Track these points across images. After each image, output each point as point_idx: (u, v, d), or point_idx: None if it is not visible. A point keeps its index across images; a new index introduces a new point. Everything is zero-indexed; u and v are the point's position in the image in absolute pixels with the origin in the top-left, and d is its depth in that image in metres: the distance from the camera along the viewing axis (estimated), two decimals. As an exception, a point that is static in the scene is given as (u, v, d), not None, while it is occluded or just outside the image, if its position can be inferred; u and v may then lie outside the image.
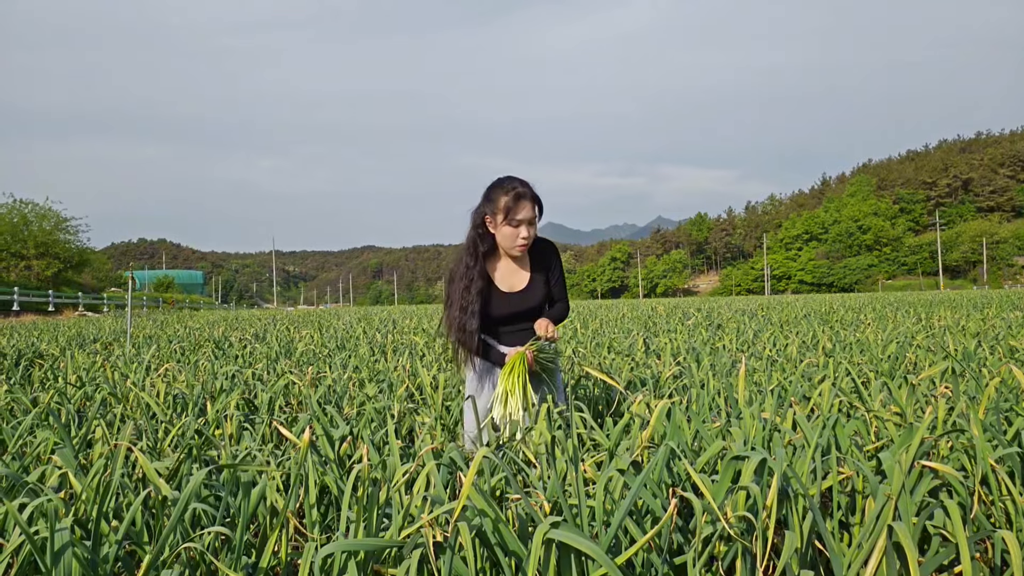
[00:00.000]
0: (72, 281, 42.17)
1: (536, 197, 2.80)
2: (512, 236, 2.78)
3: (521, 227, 2.77)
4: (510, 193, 2.75)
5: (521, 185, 2.79)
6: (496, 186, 2.81)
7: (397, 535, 1.56)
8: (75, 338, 9.21)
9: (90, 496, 1.73)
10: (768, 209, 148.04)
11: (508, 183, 2.80)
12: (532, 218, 2.77)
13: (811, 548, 1.62)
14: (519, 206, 2.74)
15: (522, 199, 2.75)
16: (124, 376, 4.31)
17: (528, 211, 2.75)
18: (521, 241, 2.78)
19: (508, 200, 2.75)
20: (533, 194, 2.79)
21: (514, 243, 2.79)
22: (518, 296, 2.89)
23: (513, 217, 2.75)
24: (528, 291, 2.90)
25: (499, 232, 2.81)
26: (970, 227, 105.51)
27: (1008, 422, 2.40)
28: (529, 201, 2.76)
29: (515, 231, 2.77)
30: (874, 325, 8.34)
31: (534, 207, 2.78)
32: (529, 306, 2.89)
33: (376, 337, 8.39)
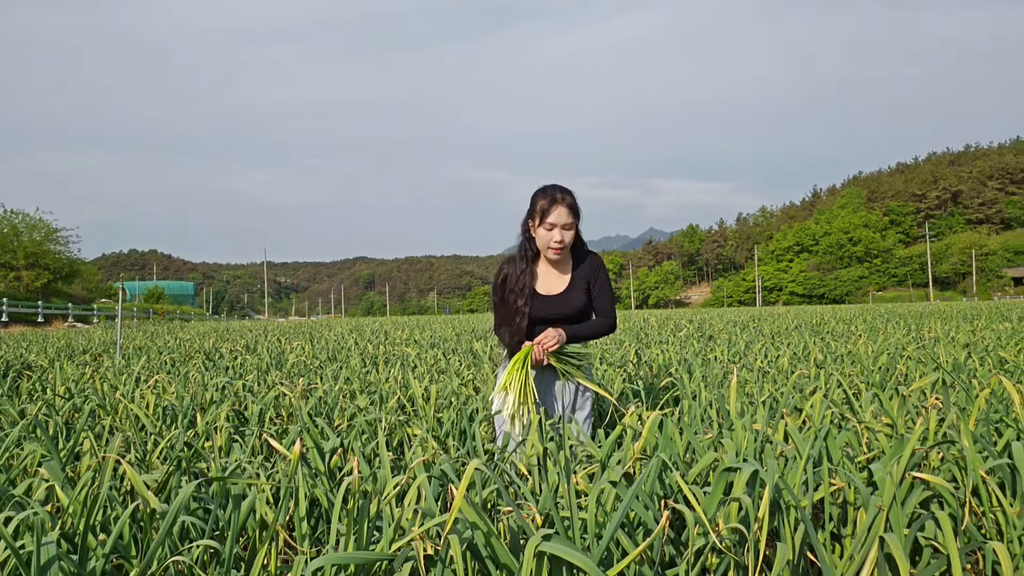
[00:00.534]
0: (62, 292, 41.94)
1: (573, 204, 2.89)
2: (546, 238, 2.89)
3: (555, 231, 2.87)
4: (547, 197, 2.88)
5: (560, 191, 2.90)
6: (538, 191, 2.95)
7: (388, 548, 1.55)
8: (64, 349, 9.14)
9: (77, 509, 1.71)
10: (759, 221, 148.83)
11: (549, 188, 2.92)
12: (567, 223, 2.87)
13: (803, 559, 1.62)
14: (552, 209, 2.85)
15: (556, 203, 2.86)
16: (113, 388, 4.28)
17: (563, 216, 2.85)
18: (555, 244, 2.88)
19: (544, 203, 2.87)
20: (570, 200, 2.89)
21: (548, 245, 2.89)
22: (555, 299, 2.97)
23: (546, 220, 2.86)
24: (564, 296, 2.97)
25: (537, 235, 2.92)
26: (959, 239, 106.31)
27: (998, 433, 2.41)
28: (564, 206, 2.86)
29: (549, 234, 2.87)
30: (865, 336, 8.36)
31: (570, 212, 2.87)
32: (564, 312, 2.97)
33: (368, 348, 8.37)
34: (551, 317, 2.96)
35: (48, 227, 39.99)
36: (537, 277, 3.01)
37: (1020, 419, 2.28)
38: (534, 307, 2.96)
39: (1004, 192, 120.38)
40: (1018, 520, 1.74)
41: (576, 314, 2.96)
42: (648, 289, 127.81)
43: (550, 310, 2.96)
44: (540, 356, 2.83)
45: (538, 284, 3.00)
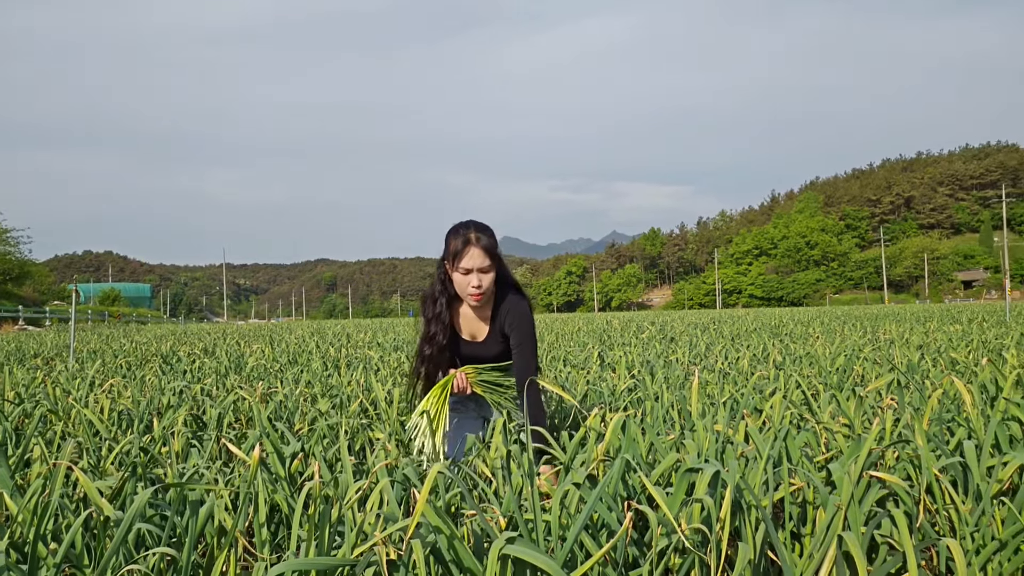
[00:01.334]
0: (12, 294, 40.78)
1: (489, 244, 2.64)
2: (463, 284, 2.66)
3: (471, 275, 2.63)
4: (459, 238, 2.63)
5: (475, 230, 2.64)
6: (450, 232, 2.69)
7: (350, 553, 1.53)
8: (14, 353, 8.88)
9: (27, 518, 1.66)
10: (719, 225, 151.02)
11: (461, 229, 2.66)
12: (484, 266, 2.63)
13: (764, 558, 1.64)
14: (466, 252, 2.61)
15: (469, 245, 2.61)
16: (66, 392, 4.17)
17: (478, 258, 2.61)
18: (472, 290, 2.65)
19: (457, 245, 2.63)
20: (486, 241, 2.63)
21: (467, 291, 2.67)
22: (477, 345, 2.86)
23: (459, 265, 2.63)
24: (485, 344, 2.84)
25: (454, 280, 2.70)
26: (912, 243, 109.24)
27: (951, 432, 2.47)
28: (478, 248, 2.61)
29: (465, 279, 2.64)
30: (822, 338, 8.53)
31: (485, 255, 2.62)
32: (484, 356, 2.85)
33: (329, 351, 8.28)
34: (474, 358, 2.86)
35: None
36: (459, 318, 2.85)
37: (971, 418, 2.34)
38: (457, 348, 2.86)
39: (954, 198, 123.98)
40: (970, 517, 1.79)
41: (495, 358, 2.85)
42: (611, 292, 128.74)
43: (472, 353, 2.86)
44: (464, 384, 2.72)
45: (461, 326, 2.85)
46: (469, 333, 2.86)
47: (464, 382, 2.74)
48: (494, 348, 2.84)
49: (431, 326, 2.79)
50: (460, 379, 2.74)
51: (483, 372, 2.78)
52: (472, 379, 2.76)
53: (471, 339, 2.86)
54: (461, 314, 2.85)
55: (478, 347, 2.85)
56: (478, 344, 2.85)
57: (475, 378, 2.77)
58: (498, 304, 2.79)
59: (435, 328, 2.78)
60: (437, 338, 2.77)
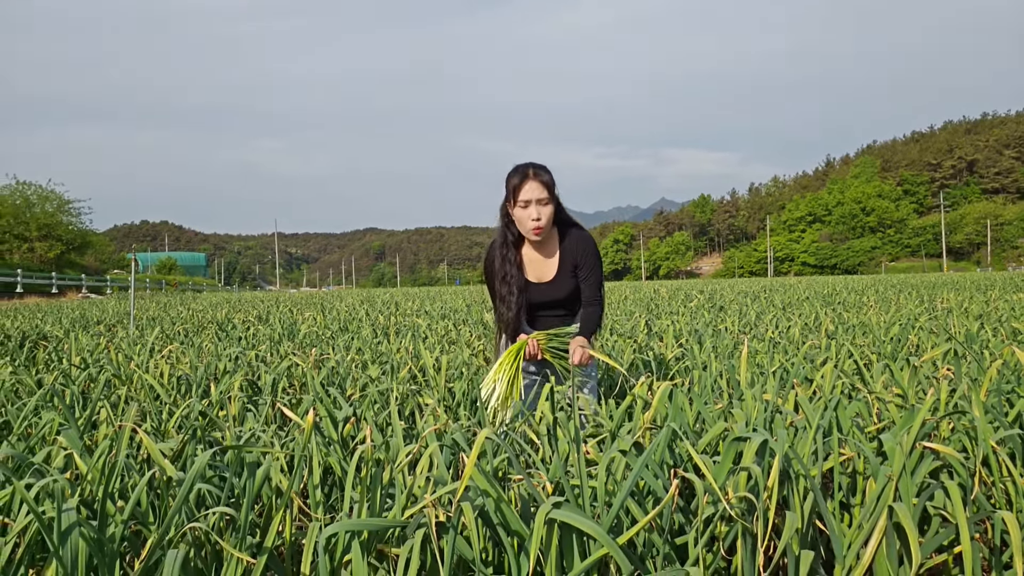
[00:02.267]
0: (75, 263, 42.23)
1: (546, 178, 2.74)
2: (524, 219, 2.75)
3: (530, 207, 2.73)
4: (518, 175, 2.74)
5: (532, 167, 2.76)
6: (510, 172, 2.80)
7: (400, 515, 1.57)
8: (79, 320, 9.23)
9: (95, 477, 1.74)
10: (772, 191, 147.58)
11: (520, 166, 2.77)
12: (542, 198, 2.73)
13: (812, 528, 1.63)
14: (524, 186, 2.72)
15: (527, 179, 2.72)
16: (128, 358, 4.33)
17: (535, 191, 2.71)
18: (532, 223, 2.74)
19: (516, 181, 2.73)
20: (543, 175, 2.74)
21: (527, 226, 2.76)
22: (546, 287, 2.89)
23: (519, 198, 2.72)
24: (555, 283, 2.88)
25: (515, 217, 2.78)
26: (974, 209, 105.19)
27: (1010, 404, 2.40)
28: (536, 181, 2.72)
29: (525, 212, 2.74)
30: (877, 307, 8.33)
31: (543, 187, 2.72)
32: (556, 298, 2.89)
33: (379, 319, 8.40)
34: (545, 302, 2.90)
35: (60, 199, 40.19)
36: (525, 263, 2.89)
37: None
38: (527, 294, 2.88)
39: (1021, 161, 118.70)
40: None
41: (568, 298, 2.89)
42: (659, 260, 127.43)
43: (542, 297, 2.89)
44: (535, 350, 2.75)
45: (528, 271, 2.89)
46: (536, 276, 2.90)
47: (535, 348, 2.76)
48: (566, 286, 2.87)
49: (504, 266, 2.84)
50: (532, 345, 2.75)
51: (553, 339, 2.80)
52: (543, 344, 2.78)
53: (538, 281, 2.89)
54: (526, 257, 2.90)
55: (548, 288, 2.88)
56: (547, 285, 2.89)
57: (546, 344, 2.78)
58: (562, 241, 2.87)
59: (507, 268, 2.83)
60: (510, 277, 2.83)
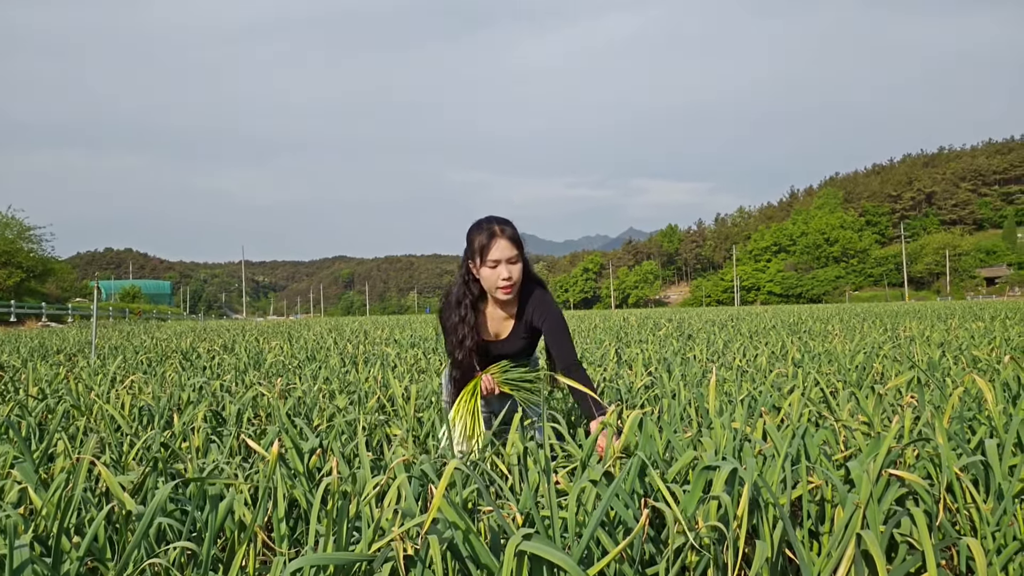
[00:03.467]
0: (35, 291, 41.33)
1: (515, 235, 2.66)
2: (492, 278, 2.66)
3: (500, 267, 2.64)
4: (484, 232, 2.65)
5: (498, 223, 2.67)
6: (473, 228, 2.71)
7: (367, 549, 1.54)
8: (37, 349, 9.01)
9: (51, 511, 1.69)
10: (737, 221, 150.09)
11: (484, 223, 2.69)
12: (512, 256, 2.65)
13: (782, 557, 1.63)
14: (492, 244, 2.63)
15: (495, 237, 2.63)
16: (88, 388, 4.23)
17: (505, 249, 2.63)
18: (502, 283, 2.65)
19: (483, 239, 2.64)
20: (511, 231, 2.66)
21: (496, 284, 2.67)
22: (501, 343, 2.85)
23: (488, 258, 2.63)
24: (508, 341, 2.84)
25: (481, 277, 2.70)
26: (934, 239, 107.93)
27: (972, 431, 2.44)
28: (504, 239, 2.63)
29: (494, 272, 2.65)
30: (842, 336, 8.46)
31: (512, 244, 2.65)
32: (505, 353, 2.84)
33: (347, 348, 8.32)
34: (498, 356, 2.86)
35: (20, 225, 39.41)
36: (485, 319, 2.83)
37: (993, 417, 2.31)
38: (481, 349, 2.84)
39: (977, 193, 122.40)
40: (991, 516, 1.77)
41: (518, 353, 2.86)
42: (628, 288, 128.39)
43: (496, 351, 2.86)
44: (491, 385, 2.72)
45: (487, 327, 2.84)
46: (493, 332, 2.85)
47: (492, 383, 2.73)
48: (517, 344, 2.84)
49: (460, 329, 2.75)
50: (487, 380, 2.73)
51: (508, 370, 2.77)
52: (498, 379, 2.75)
53: (495, 338, 2.85)
54: (486, 315, 2.84)
55: (503, 344, 2.85)
56: (502, 342, 2.85)
57: (500, 378, 2.75)
58: (524, 300, 2.79)
59: (463, 331, 2.74)
60: (466, 343, 2.74)
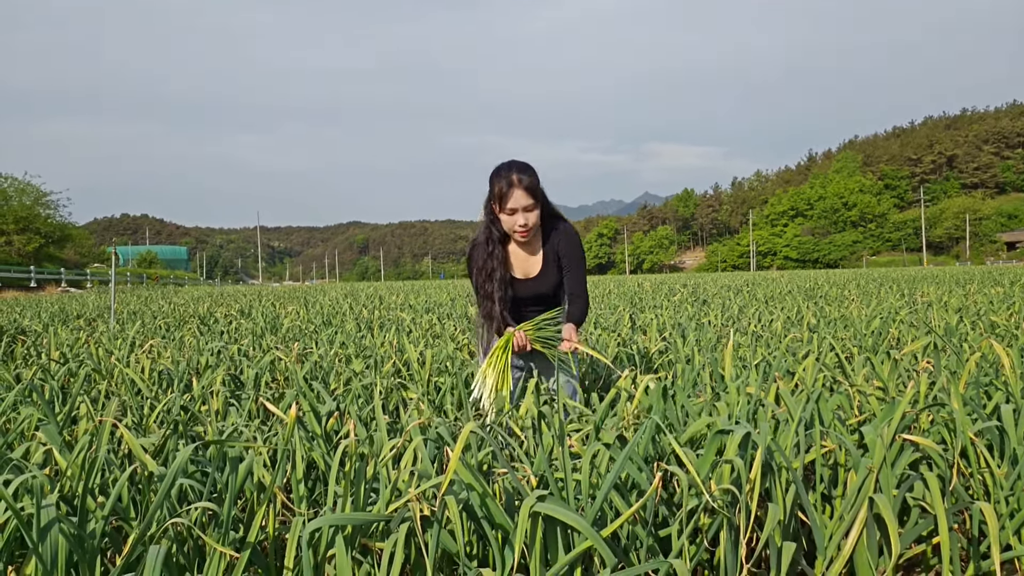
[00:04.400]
0: (54, 257, 41.73)
1: (532, 184, 2.74)
2: (510, 224, 2.77)
3: (516, 215, 2.74)
4: (503, 180, 2.73)
5: (516, 171, 2.74)
6: (493, 174, 2.79)
7: (384, 509, 1.56)
8: (58, 314, 9.12)
9: (75, 472, 1.72)
10: (754, 185, 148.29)
11: (504, 171, 2.76)
12: (528, 205, 2.73)
13: (794, 520, 1.64)
14: (510, 194, 2.71)
15: (513, 187, 2.71)
16: (108, 352, 4.29)
17: (521, 199, 2.72)
18: (519, 228, 2.76)
19: (502, 187, 2.73)
20: (528, 181, 2.73)
21: (513, 229, 2.78)
22: (531, 282, 2.90)
23: (506, 206, 2.73)
24: (540, 278, 2.90)
25: (501, 220, 2.80)
26: (954, 203, 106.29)
27: (987, 396, 2.44)
28: (521, 189, 2.71)
29: (511, 219, 2.75)
30: (858, 301, 8.40)
31: (528, 194, 2.72)
32: (541, 292, 2.90)
33: (362, 313, 8.37)
34: (529, 297, 2.91)
35: (37, 191, 39.64)
36: (511, 258, 2.91)
37: (1009, 382, 2.30)
38: (513, 290, 2.89)
39: (999, 156, 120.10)
40: (1005, 481, 1.77)
41: (552, 293, 2.91)
42: (643, 254, 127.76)
43: (527, 292, 2.90)
44: (523, 342, 2.76)
45: (513, 267, 2.90)
46: (522, 271, 2.92)
47: (524, 340, 2.77)
48: (551, 280, 2.90)
49: (488, 262, 2.85)
50: (519, 337, 2.76)
51: (540, 327, 2.80)
52: (531, 336, 2.78)
53: (525, 277, 2.91)
54: (511, 253, 2.92)
55: (534, 283, 2.90)
56: (533, 280, 2.90)
57: (533, 335, 2.78)
58: (547, 236, 2.90)
59: (492, 264, 2.84)
60: (496, 273, 2.84)
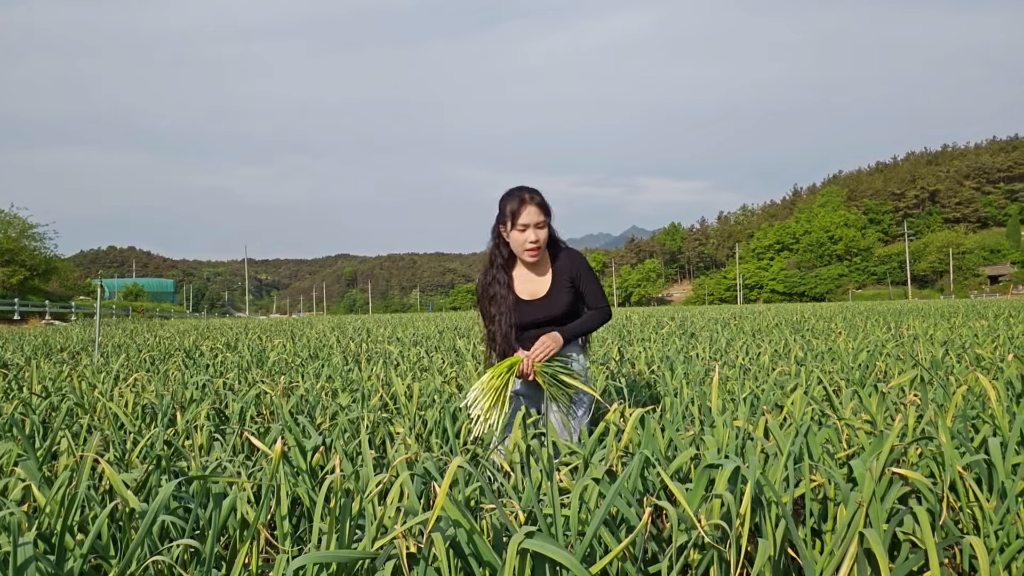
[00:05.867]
0: (39, 289, 41.39)
1: (543, 202, 2.88)
2: (520, 241, 2.86)
3: (528, 231, 2.84)
4: (515, 199, 2.85)
5: (527, 191, 2.89)
6: (504, 196, 2.92)
7: (370, 547, 1.54)
8: (41, 347, 9.03)
9: (54, 509, 1.69)
10: (740, 219, 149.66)
11: (515, 191, 2.90)
12: (540, 222, 2.85)
13: (784, 555, 1.63)
14: (523, 210, 2.83)
15: (525, 204, 2.84)
16: (92, 386, 4.23)
17: (533, 215, 2.83)
18: (530, 245, 2.85)
19: (513, 205, 2.84)
20: (539, 199, 2.87)
21: (524, 247, 2.86)
22: (539, 303, 2.94)
23: (518, 222, 2.83)
24: (549, 299, 2.93)
25: (511, 239, 2.89)
26: (937, 237, 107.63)
27: (975, 429, 2.44)
28: (533, 205, 2.84)
29: (523, 235, 2.85)
30: (845, 334, 8.45)
31: (540, 211, 2.85)
32: (552, 314, 2.93)
33: (350, 346, 8.33)
34: (539, 321, 2.91)
35: (23, 223, 39.46)
36: (515, 283, 2.97)
37: (996, 415, 2.31)
38: (520, 314, 2.91)
39: (980, 191, 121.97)
40: (994, 515, 1.77)
41: (564, 315, 2.92)
42: (630, 287, 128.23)
43: (536, 315, 2.91)
44: (529, 370, 2.76)
45: (519, 290, 2.95)
46: (530, 293, 2.95)
47: (529, 368, 2.76)
48: (562, 300, 2.92)
49: (492, 287, 2.94)
50: (526, 364, 2.76)
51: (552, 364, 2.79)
52: (538, 368, 2.76)
53: (531, 298, 2.94)
54: (517, 277, 2.98)
55: (542, 305, 2.92)
56: (540, 302, 2.93)
57: (540, 368, 2.76)
58: (555, 259, 2.98)
59: (496, 289, 2.93)
60: (499, 298, 2.91)
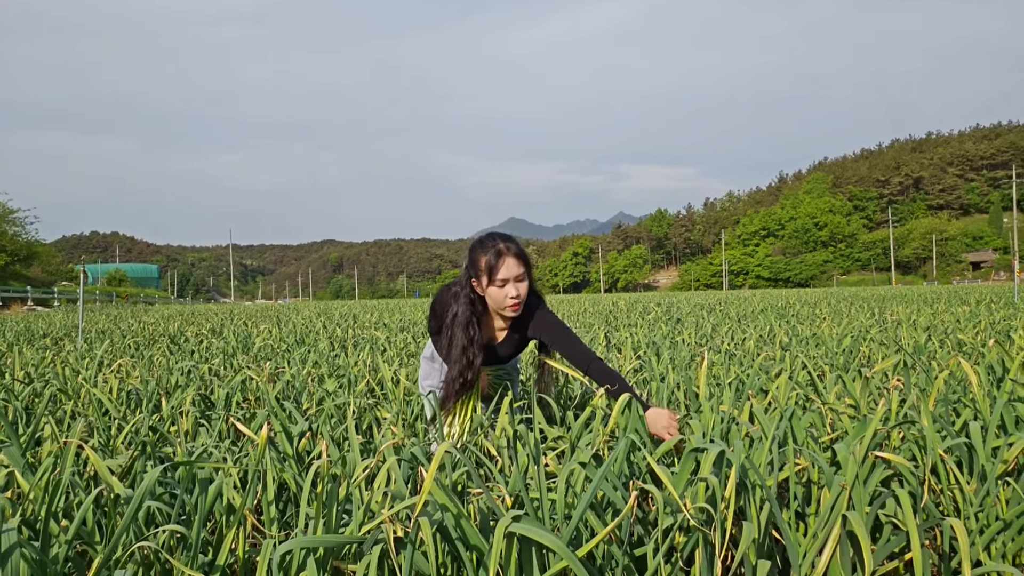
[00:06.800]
0: (20, 275, 40.97)
1: (520, 252, 2.63)
2: (500, 297, 2.61)
3: (508, 286, 2.59)
4: (490, 251, 2.60)
5: (503, 241, 2.62)
6: (476, 247, 2.66)
7: (357, 531, 1.54)
8: (23, 333, 8.94)
9: (38, 495, 1.68)
10: (726, 206, 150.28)
11: (488, 241, 2.64)
12: (519, 275, 2.60)
13: (768, 538, 1.65)
14: (501, 264, 2.58)
15: (503, 256, 2.58)
16: (75, 372, 4.20)
17: (512, 268, 2.59)
18: (511, 301, 2.61)
19: (489, 259, 2.59)
20: (516, 248, 2.62)
21: (504, 304, 2.62)
22: (494, 348, 2.82)
23: (496, 277, 2.58)
24: (502, 345, 2.82)
25: (488, 295, 2.64)
26: (921, 224, 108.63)
27: (956, 413, 2.47)
28: (512, 257, 2.59)
29: (502, 291, 2.60)
30: (829, 319, 8.51)
31: (519, 262, 2.61)
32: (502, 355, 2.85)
33: (336, 332, 8.31)
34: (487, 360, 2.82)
35: (4, 208, 39.01)
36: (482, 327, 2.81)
37: (977, 400, 2.34)
38: None
39: (964, 178, 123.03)
40: (974, 497, 1.79)
41: (507, 357, 2.85)
42: (617, 273, 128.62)
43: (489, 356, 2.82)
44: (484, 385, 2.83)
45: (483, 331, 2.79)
46: (487, 337, 2.81)
47: (485, 384, 2.84)
48: (509, 348, 2.83)
49: (468, 352, 2.67)
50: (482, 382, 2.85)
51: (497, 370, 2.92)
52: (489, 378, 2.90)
53: (489, 341, 2.82)
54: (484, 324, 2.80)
55: (497, 348, 2.84)
56: (497, 345, 2.83)
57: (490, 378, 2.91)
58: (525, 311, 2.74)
59: (471, 353, 2.68)
60: (475, 362, 2.68)
